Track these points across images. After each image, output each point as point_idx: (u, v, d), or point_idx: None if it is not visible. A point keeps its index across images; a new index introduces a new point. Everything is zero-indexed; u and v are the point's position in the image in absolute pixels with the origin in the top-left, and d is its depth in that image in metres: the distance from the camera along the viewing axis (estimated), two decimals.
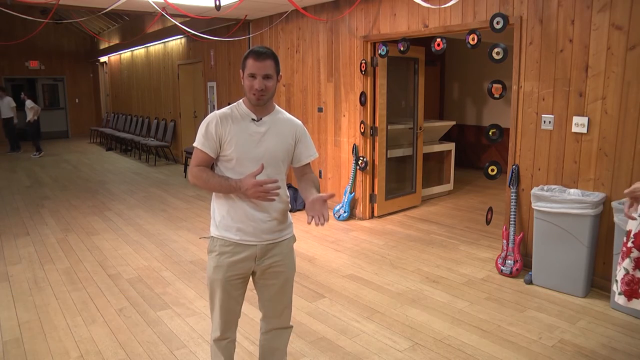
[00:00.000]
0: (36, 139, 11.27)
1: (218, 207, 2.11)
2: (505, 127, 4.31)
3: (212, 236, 2.12)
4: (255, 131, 2.04)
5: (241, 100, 2.11)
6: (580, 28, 3.56)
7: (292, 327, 2.34)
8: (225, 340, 2.21)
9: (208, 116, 2.07)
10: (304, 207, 2.07)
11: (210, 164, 2.08)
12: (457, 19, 4.40)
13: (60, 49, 14.86)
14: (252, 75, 1.97)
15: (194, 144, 2.06)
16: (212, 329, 2.22)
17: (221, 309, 2.14)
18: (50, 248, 4.76)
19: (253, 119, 2.05)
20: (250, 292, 2.80)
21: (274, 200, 2.01)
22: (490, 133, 4.21)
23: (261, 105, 2.04)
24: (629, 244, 2.32)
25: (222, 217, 2.08)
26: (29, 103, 11.10)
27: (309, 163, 2.22)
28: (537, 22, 3.82)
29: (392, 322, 3.21)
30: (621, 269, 2.35)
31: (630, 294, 2.32)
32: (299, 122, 2.20)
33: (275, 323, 2.26)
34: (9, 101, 11.25)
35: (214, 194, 2.12)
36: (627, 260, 2.32)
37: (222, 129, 2.01)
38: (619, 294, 2.35)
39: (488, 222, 4.42)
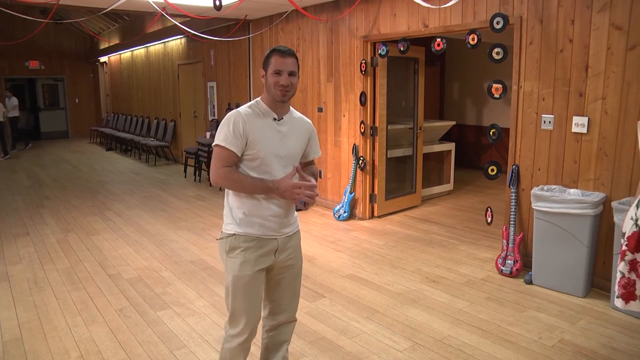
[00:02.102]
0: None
1: (239, 206, 2.07)
2: (505, 127, 4.31)
3: (232, 234, 2.07)
4: (278, 130, 2.07)
5: (259, 99, 2.10)
6: (580, 28, 3.56)
7: (296, 320, 2.36)
8: (249, 340, 2.17)
9: (230, 114, 2.02)
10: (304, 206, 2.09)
11: (235, 163, 2.04)
12: (457, 19, 4.40)
13: (60, 49, 14.86)
14: (278, 72, 1.99)
15: (218, 142, 1.99)
16: (235, 333, 2.13)
17: (249, 307, 2.10)
18: (50, 248, 4.76)
19: (274, 118, 2.07)
20: None
21: (310, 203, 2.04)
22: (491, 133, 4.21)
23: (285, 102, 2.07)
24: (624, 247, 2.32)
25: (244, 214, 2.06)
26: None
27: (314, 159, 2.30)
28: (537, 22, 3.82)
29: (392, 322, 3.21)
30: (618, 272, 2.35)
31: (627, 297, 2.31)
32: (310, 120, 2.27)
33: (283, 317, 2.27)
34: (12, 101, 11.39)
35: (230, 193, 2.09)
36: (622, 264, 2.32)
37: (249, 127, 2.00)
38: (617, 297, 2.36)
39: (489, 222, 4.42)
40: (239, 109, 2.05)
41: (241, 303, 2.10)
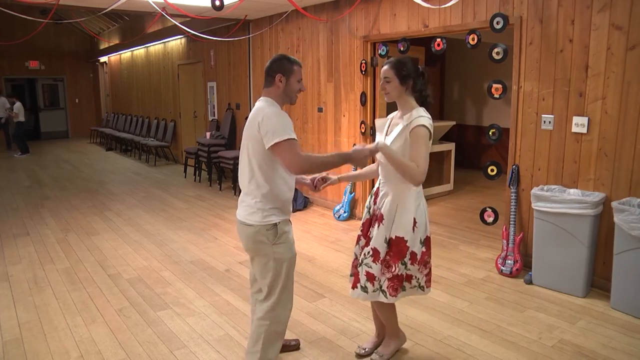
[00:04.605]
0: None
1: (277, 197, 2.28)
2: (505, 127, 4.31)
3: (277, 222, 2.28)
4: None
5: (271, 99, 2.33)
6: (580, 28, 3.57)
7: None
8: None
9: (274, 110, 2.23)
10: (304, 206, 2.20)
11: None
12: (457, 19, 4.40)
13: (60, 49, 14.86)
14: (300, 80, 2.40)
15: (288, 137, 2.15)
16: (289, 311, 2.40)
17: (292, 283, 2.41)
18: (50, 248, 4.76)
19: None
20: (248, 290, 2.78)
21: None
22: (491, 133, 4.21)
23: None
24: (359, 231, 2.72)
25: (282, 202, 2.30)
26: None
27: None
28: (537, 22, 3.83)
29: None
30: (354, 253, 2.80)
31: (355, 282, 2.61)
32: None
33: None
34: (3, 102, 11.38)
35: (267, 185, 2.25)
36: (357, 247, 2.76)
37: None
38: (350, 275, 2.80)
39: (491, 222, 4.42)
40: (273, 107, 2.26)
41: (291, 281, 2.37)
